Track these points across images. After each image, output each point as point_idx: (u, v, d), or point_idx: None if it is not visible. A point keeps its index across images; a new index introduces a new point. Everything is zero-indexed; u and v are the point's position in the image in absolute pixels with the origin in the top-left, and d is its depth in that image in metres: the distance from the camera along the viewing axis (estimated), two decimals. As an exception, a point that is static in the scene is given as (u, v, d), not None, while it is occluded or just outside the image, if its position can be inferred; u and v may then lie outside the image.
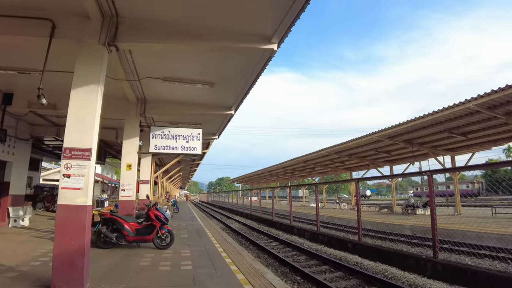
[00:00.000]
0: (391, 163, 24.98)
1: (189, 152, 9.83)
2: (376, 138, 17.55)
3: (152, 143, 9.66)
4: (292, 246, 11.36)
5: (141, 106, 9.90)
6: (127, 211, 9.03)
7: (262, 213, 22.93)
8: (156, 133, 9.73)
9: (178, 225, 14.66)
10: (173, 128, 9.88)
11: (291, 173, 35.68)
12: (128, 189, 9.22)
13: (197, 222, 16.60)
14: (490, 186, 43.64)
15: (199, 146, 9.92)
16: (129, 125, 9.68)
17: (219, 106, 10.35)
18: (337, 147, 20.73)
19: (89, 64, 5.28)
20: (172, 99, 9.98)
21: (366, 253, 9.88)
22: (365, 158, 23.87)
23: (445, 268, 7.37)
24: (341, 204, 30.94)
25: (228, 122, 12.05)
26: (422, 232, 12.71)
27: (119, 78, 8.02)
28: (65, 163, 4.85)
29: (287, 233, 15.52)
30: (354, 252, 10.38)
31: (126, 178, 9.31)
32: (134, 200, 9.31)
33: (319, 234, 13.19)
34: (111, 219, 8.12)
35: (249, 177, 50.30)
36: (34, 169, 21.28)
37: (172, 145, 9.72)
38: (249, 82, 8.43)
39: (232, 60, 7.26)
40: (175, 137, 9.80)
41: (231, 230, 16.75)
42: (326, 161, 25.99)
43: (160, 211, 8.36)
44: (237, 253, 8.03)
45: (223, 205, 41.82)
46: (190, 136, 9.89)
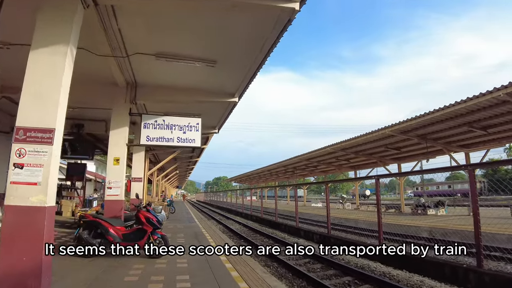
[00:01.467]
0: (399, 160, 23.81)
1: (186, 144, 8.50)
2: (388, 133, 16.34)
3: (144, 134, 8.32)
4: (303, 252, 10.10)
5: (131, 92, 8.58)
6: (114, 212, 7.71)
7: (263, 214, 21.66)
8: (149, 123, 8.40)
9: (174, 227, 13.34)
10: (168, 117, 8.55)
11: (292, 171, 34.44)
12: (115, 186, 7.89)
13: (194, 223, 15.29)
14: (491, 185, 42.79)
15: (198, 138, 8.60)
16: (117, 113, 8.35)
17: (221, 92, 9.05)
18: (344, 143, 19.49)
19: (56, 17, 3.96)
20: (167, 83, 8.68)
21: (388, 259, 8.65)
22: (372, 156, 22.66)
23: (495, 280, 6.12)
24: (345, 203, 29.73)
25: (231, 112, 10.71)
26: (442, 235, 11.54)
27: (104, 54, 6.71)
28: (17, 148, 3.54)
29: (293, 236, 14.26)
30: (375, 259, 9.15)
31: (113, 174, 7.98)
32: (123, 200, 8.00)
33: (330, 238, 11.93)
34: (94, 222, 6.80)
35: (247, 176, 49.01)
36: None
37: (167, 136, 8.40)
38: (257, 61, 7.14)
39: (239, 29, 5.95)
40: (170, 127, 8.48)
41: (232, 232, 15.44)
42: (330, 158, 24.76)
43: (152, 213, 7.06)
44: (244, 262, 6.74)
45: (221, 205, 40.50)
46: (187, 126, 8.57)
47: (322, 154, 22.91)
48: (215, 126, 13.81)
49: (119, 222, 7.07)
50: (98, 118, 12.11)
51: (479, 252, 6.54)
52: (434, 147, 18.38)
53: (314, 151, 22.76)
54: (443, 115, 13.09)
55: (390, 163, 24.33)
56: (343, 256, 9.80)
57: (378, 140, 18.54)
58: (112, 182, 7.93)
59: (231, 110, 10.46)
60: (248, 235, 14.56)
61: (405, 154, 22.10)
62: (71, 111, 11.62)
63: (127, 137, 8.32)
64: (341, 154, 22.59)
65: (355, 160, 24.78)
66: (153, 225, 6.84)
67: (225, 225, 18.46)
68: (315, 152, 23.08)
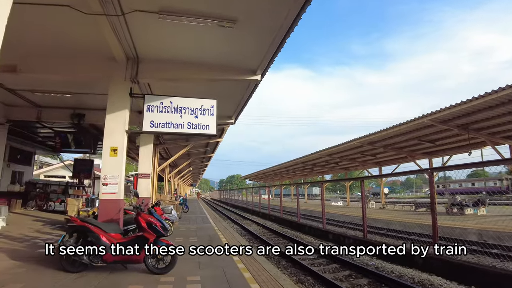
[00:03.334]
0: (430, 155, 21.75)
1: (199, 131, 6.92)
2: (427, 123, 14.42)
3: (147, 119, 6.79)
4: (340, 261, 8.43)
5: (132, 68, 7.08)
6: (110, 214, 6.23)
7: (283, 213, 20.02)
8: (153, 105, 6.86)
9: (187, 229, 11.87)
10: (176, 98, 6.98)
11: (310, 168, 32.61)
12: (112, 183, 6.39)
13: (209, 224, 13.80)
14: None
15: (213, 124, 7.00)
16: (115, 93, 6.86)
17: (240, 68, 7.45)
18: (373, 136, 17.61)
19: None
20: (175, 56, 7.14)
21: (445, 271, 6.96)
22: (402, 150, 20.66)
23: None
24: (369, 202, 27.71)
25: (251, 94, 9.06)
26: (495, 239, 9.71)
27: (94, 12, 5.20)
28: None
29: (320, 239, 12.57)
30: (426, 269, 7.45)
31: (110, 167, 6.49)
32: (122, 200, 6.50)
33: (367, 242, 10.18)
34: (82, 227, 5.32)
35: (262, 174, 47.36)
36: (25, 163, 18.89)
37: (176, 122, 6.84)
38: (289, 20, 5.49)
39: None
40: (179, 110, 6.91)
41: (251, 235, 13.85)
42: (355, 154, 22.87)
43: (155, 216, 5.53)
44: (273, 281, 5.14)
45: (236, 203, 39.02)
46: (200, 110, 6.99)
47: (347, 148, 21.06)
48: (231, 116, 12.22)
49: (114, 228, 5.56)
50: (100, 107, 10.71)
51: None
52: (476, 138, 16.37)
53: (337, 146, 20.92)
54: (495, 99, 11.21)
55: (421, 157, 22.28)
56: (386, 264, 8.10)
57: (412, 132, 16.62)
58: (108, 177, 6.44)
59: (251, 92, 8.81)
60: (269, 238, 12.94)
61: (438, 148, 20.05)
62: (68, 98, 10.29)
63: (127, 122, 6.82)
64: (368, 149, 20.68)
65: (382, 155, 22.82)
66: (157, 232, 5.30)
67: (242, 225, 16.90)
68: (338, 147, 21.23)
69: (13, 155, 17.23)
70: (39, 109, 11.52)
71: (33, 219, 12.99)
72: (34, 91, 9.56)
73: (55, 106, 11.42)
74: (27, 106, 11.34)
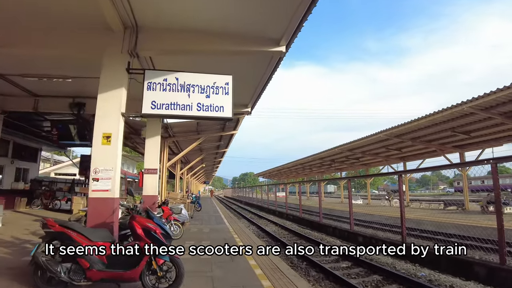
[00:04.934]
0: (461, 148, 19.92)
1: (211, 114, 5.60)
2: (467, 111, 12.81)
3: (148, 98, 5.52)
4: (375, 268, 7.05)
5: (131, 38, 5.83)
6: (102, 217, 4.99)
7: (302, 212, 18.60)
8: (155, 82, 5.58)
9: (199, 230, 10.64)
10: (183, 73, 5.69)
11: (328, 165, 31.01)
12: (104, 177, 5.15)
13: (224, 225, 12.54)
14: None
15: (228, 105, 5.67)
16: (109, 69, 5.63)
17: (260, 37, 6.08)
18: (402, 127, 16.03)
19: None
20: (181, 23, 5.84)
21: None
22: (431, 143, 18.94)
23: None
24: (392, 200, 26.00)
25: (273, 73, 7.61)
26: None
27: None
28: None
29: (347, 242, 11.14)
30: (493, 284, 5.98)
31: (101, 158, 5.25)
32: (117, 199, 5.25)
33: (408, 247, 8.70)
34: (61, 234, 4.09)
35: (277, 171, 45.97)
36: (31, 160, 18.06)
37: (182, 102, 5.55)
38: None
39: None
40: (187, 88, 5.62)
41: (269, 236, 12.51)
42: (379, 148, 21.26)
43: (155, 221, 4.24)
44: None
45: (251, 201, 37.75)
46: (213, 87, 5.68)
47: (371, 142, 19.48)
48: (247, 104, 10.86)
49: (103, 235, 4.30)
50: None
51: None
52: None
53: (360, 140, 19.36)
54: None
55: (451, 151, 20.48)
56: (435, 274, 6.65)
57: (446, 122, 14.98)
58: (100, 170, 5.20)
59: (273, 69, 7.37)
60: (290, 240, 11.58)
61: (472, 140, 18.24)
62: (66, 84, 9.17)
63: (123, 103, 5.57)
64: (394, 142, 19.05)
65: (409, 149, 21.11)
66: (156, 240, 4.02)
67: (258, 226, 15.58)
68: (361, 141, 19.69)
69: (17, 151, 16.40)
70: (36, 98, 10.47)
71: (33, 219, 11.99)
72: (25, 76, 8.45)
73: (53, 95, 10.36)
74: (23, 95, 10.31)
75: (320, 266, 7.33)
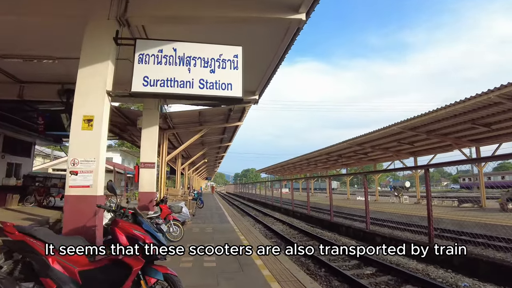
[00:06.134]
0: (477, 142, 18.81)
1: (217, 93, 4.57)
2: (493, 100, 11.74)
3: (139, 73, 4.50)
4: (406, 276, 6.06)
5: (120, 2, 4.78)
6: (81, 220, 3.98)
7: (310, 210, 17.61)
8: (148, 53, 4.57)
9: (201, 231, 9.65)
10: (183, 43, 4.67)
11: (335, 160, 29.97)
12: (84, 170, 4.15)
13: (228, 224, 11.56)
14: None
15: (237, 81, 4.63)
16: (93, 38, 4.60)
17: (275, 2, 5.01)
18: (418, 119, 14.95)
19: None
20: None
21: None
22: (447, 137, 17.84)
23: None
24: (402, 197, 24.92)
25: (288, 48, 6.46)
26: None
27: None
28: None
29: (364, 242, 10.16)
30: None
31: (81, 147, 4.25)
32: (102, 197, 4.24)
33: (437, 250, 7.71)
34: (20, 243, 3.09)
35: (280, 167, 44.94)
36: (24, 155, 17.07)
37: (181, 78, 4.53)
38: None
39: None
40: (186, 61, 4.60)
41: (278, 237, 11.51)
42: (390, 142, 20.17)
43: (145, 227, 3.23)
44: None
45: (254, 198, 36.80)
46: (218, 61, 4.66)
47: (382, 136, 18.39)
48: (254, 91, 9.79)
49: (78, 241, 3.29)
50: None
51: None
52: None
53: (371, 133, 18.28)
54: None
55: (467, 145, 19.39)
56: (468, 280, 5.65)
57: (467, 113, 13.90)
58: (80, 161, 4.19)
59: (289, 43, 6.25)
60: (301, 241, 10.60)
61: (491, 134, 17.13)
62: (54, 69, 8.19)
63: (109, 80, 4.56)
64: (408, 136, 17.97)
65: (421, 143, 20.01)
66: (148, 256, 3.01)
67: (265, 224, 14.60)
68: (371, 135, 18.61)
69: (9, 145, 15.40)
70: (21, 85, 9.48)
71: (22, 218, 11.02)
72: (5, 57, 7.48)
73: (39, 80, 9.35)
74: (6, 81, 9.30)
75: (343, 274, 6.33)
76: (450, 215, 14.06)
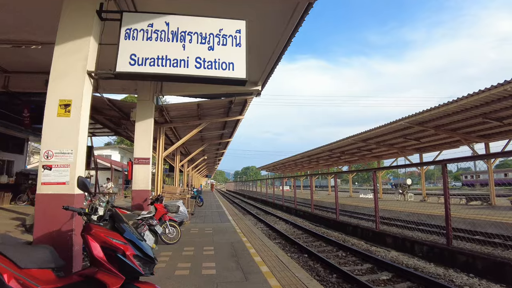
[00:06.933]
0: (487, 138, 18.16)
1: (216, 74, 3.90)
2: (510, 91, 11.04)
3: (126, 51, 3.84)
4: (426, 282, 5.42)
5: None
6: (53, 225, 3.32)
7: (314, 208, 16.98)
8: (136, 28, 3.90)
9: (200, 231, 9.01)
10: (176, 16, 4.00)
11: (337, 157, 29.29)
12: (60, 164, 3.50)
13: (228, 223, 10.91)
14: None
15: (240, 60, 3.96)
16: (73, 9, 3.93)
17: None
18: (427, 114, 14.25)
19: None
20: None
21: None
22: (456, 132, 17.18)
23: None
24: (407, 194, 24.28)
25: (295, 31, 5.75)
26: None
27: None
28: None
29: (373, 244, 9.53)
30: None
31: (56, 136, 3.60)
32: (78, 195, 3.59)
33: (457, 253, 7.09)
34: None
35: (281, 164, 44.24)
36: (16, 151, 16.42)
37: (175, 56, 3.87)
38: None
39: None
40: (181, 36, 3.93)
41: (282, 237, 10.86)
42: (396, 138, 19.50)
43: (127, 236, 2.56)
44: None
45: (254, 195, 36.20)
46: (218, 36, 3.99)
47: (389, 131, 17.71)
48: (256, 82, 9.11)
49: (42, 257, 2.63)
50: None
51: None
52: None
53: (378, 128, 17.58)
54: None
55: (476, 141, 18.70)
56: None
57: (478, 107, 13.21)
58: (54, 154, 3.53)
59: (296, 24, 5.52)
60: (307, 242, 9.95)
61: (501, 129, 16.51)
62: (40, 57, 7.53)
63: (91, 59, 3.88)
64: (415, 131, 17.29)
65: (429, 138, 19.34)
66: (128, 269, 2.35)
67: (267, 223, 13.95)
68: (376, 130, 17.92)
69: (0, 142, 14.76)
70: (7, 75, 8.83)
71: (11, 217, 10.39)
72: None
73: (26, 70, 8.71)
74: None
75: (357, 280, 5.68)
76: (460, 213, 13.43)
